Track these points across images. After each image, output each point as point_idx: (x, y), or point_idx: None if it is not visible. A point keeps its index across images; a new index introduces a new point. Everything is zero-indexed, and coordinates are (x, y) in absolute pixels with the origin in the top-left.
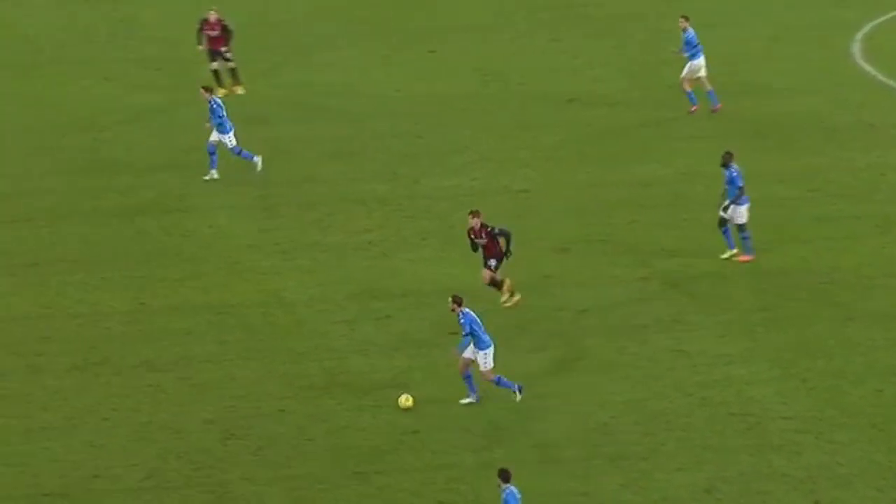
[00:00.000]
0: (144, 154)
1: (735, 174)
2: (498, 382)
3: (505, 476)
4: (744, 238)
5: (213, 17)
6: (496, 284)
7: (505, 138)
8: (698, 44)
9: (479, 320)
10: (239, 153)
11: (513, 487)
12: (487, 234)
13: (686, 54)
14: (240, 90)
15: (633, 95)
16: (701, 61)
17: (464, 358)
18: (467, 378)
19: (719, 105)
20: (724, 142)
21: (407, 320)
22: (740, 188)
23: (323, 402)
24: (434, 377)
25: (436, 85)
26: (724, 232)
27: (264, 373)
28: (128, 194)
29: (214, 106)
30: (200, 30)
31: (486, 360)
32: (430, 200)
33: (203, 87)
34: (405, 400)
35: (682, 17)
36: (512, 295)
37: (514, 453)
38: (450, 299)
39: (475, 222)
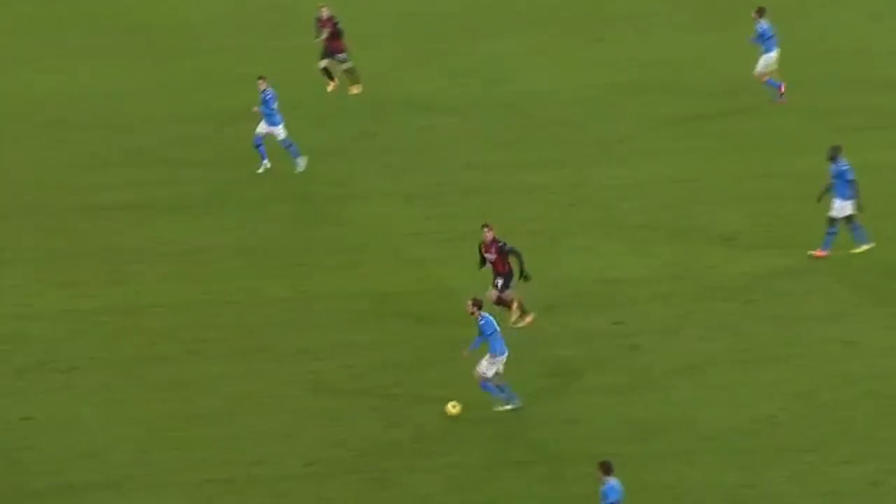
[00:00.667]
0: (309, 142)
1: (844, 168)
2: (484, 387)
3: (606, 468)
4: (829, 233)
5: (324, 13)
6: (504, 303)
7: (669, 128)
8: (771, 36)
9: (497, 326)
10: (288, 146)
11: (614, 481)
12: (497, 249)
13: (754, 43)
14: (356, 90)
15: (799, 87)
16: (774, 55)
17: (482, 373)
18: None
19: (784, 100)
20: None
21: (569, 309)
22: (851, 181)
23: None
24: (596, 367)
25: (599, 74)
26: (855, 228)
27: (425, 361)
28: (290, 182)
29: (268, 97)
30: (318, 25)
31: (492, 365)
32: (593, 190)
33: (259, 77)
34: (451, 408)
35: (756, 9)
36: (523, 314)
37: (678, 444)
38: (469, 302)
39: (488, 236)
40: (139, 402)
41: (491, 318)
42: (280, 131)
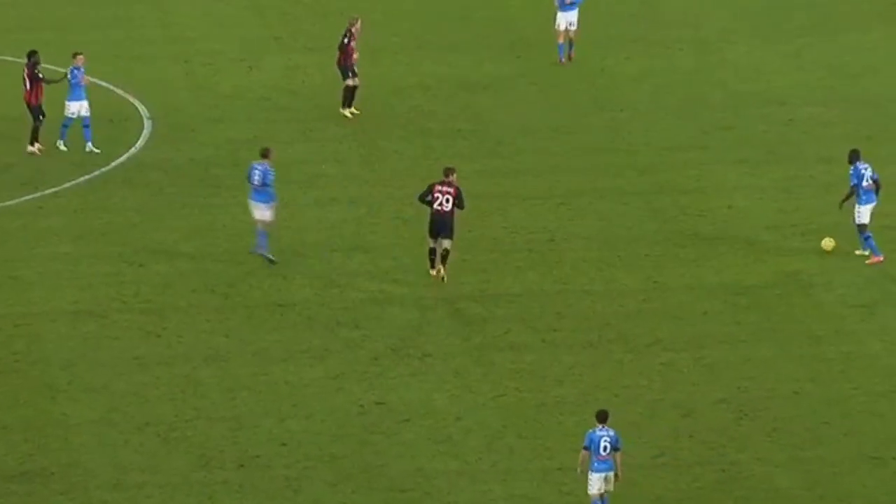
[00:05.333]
0: (664, 134)
1: (851, 172)
2: None
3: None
4: (865, 238)
5: (357, 25)
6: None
7: None
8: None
9: None
10: None
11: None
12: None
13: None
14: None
15: None
16: (572, 16)
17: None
18: None
19: (564, 60)
20: None
21: None
22: (852, 187)
23: (839, 385)
24: None
25: None
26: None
27: (780, 354)
28: (646, 173)
29: None
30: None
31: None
32: None
33: None
34: (827, 242)
35: None
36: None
37: None
38: None
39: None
40: (492, 390)
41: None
42: None
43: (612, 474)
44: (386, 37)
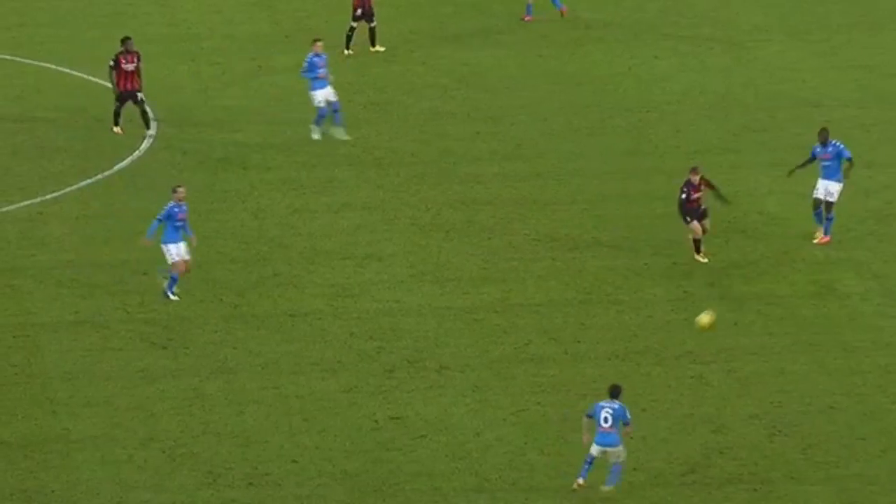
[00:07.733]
0: (693, 136)
1: (831, 150)
2: None
3: (612, 391)
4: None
5: None
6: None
7: None
8: None
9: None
10: None
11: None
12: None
13: None
14: (379, 48)
15: None
16: None
17: None
18: None
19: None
20: None
21: None
22: (850, 160)
23: (876, 400)
24: None
25: None
26: (817, 213)
27: (814, 368)
28: (675, 177)
29: None
30: None
31: None
32: None
33: None
34: (705, 317)
35: None
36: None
37: None
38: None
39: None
40: (513, 404)
41: None
42: None
43: (615, 450)
44: (401, 33)
